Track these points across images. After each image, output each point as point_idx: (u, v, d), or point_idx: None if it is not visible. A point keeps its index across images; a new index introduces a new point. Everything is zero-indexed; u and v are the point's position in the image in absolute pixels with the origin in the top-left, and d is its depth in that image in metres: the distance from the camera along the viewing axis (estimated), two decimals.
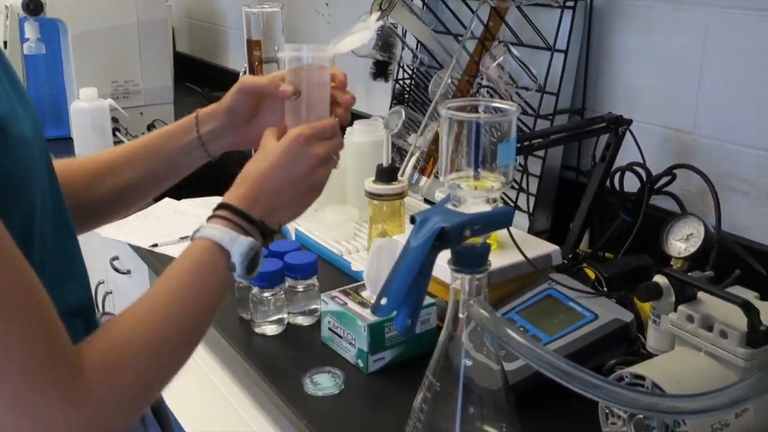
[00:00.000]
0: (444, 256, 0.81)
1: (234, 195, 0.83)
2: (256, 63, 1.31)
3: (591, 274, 1.23)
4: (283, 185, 0.85)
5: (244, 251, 0.78)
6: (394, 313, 0.78)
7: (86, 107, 1.98)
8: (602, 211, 1.35)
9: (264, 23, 1.26)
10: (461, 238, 0.78)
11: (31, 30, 2.05)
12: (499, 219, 0.81)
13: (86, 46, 2.16)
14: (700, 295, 0.88)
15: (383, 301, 0.76)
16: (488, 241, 1.23)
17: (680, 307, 0.87)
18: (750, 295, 0.87)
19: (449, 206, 0.82)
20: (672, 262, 1.04)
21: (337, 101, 0.94)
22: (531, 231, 1.45)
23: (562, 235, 1.37)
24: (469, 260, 0.82)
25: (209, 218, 0.82)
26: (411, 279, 0.76)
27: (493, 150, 0.79)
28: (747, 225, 1.25)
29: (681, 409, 0.74)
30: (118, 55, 2.21)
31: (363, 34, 0.88)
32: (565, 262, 1.29)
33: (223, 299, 0.82)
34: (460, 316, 0.86)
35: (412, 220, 0.79)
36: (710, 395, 0.73)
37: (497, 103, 0.80)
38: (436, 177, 1.47)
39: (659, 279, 0.93)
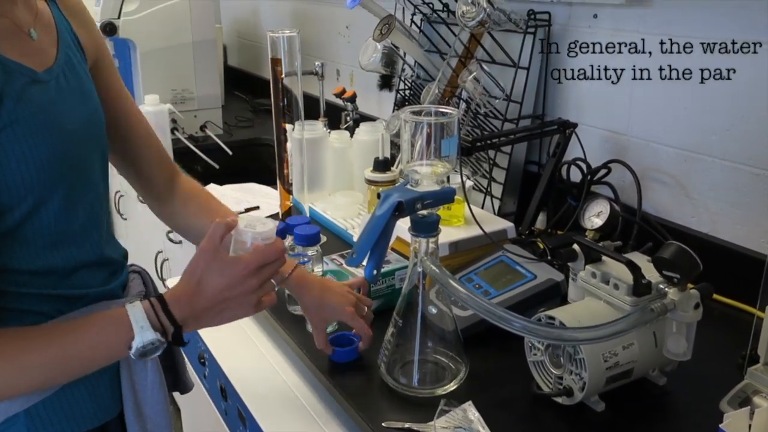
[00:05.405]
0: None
1: (174, 292, 0.83)
2: (280, 76, 1.43)
3: (541, 246, 1.35)
4: (217, 302, 0.83)
5: (145, 342, 0.79)
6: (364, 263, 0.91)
7: (150, 111, 2.09)
8: (556, 197, 1.46)
9: (285, 45, 1.38)
10: (414, 209, 0.91)
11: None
12: (444, 196, 0.93)
13: (151, 61, 2.30)
14: (604, 258, 0.99)
15: (354, 255, 0.89)
16: (456, 218, 1.36)
17: (587, 267, 0.99)
18: (643, 259, 0.98)
19: (408, 187, 0.94)
20: (587, 233, 1.15)
21: None
22: (500, 213, 1.56)
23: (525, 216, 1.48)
24: (424, 227, 0.95)
25: (148, 298, 0.82)
26: (375, 239, 0.89)
27: (440, 145, 0.92)
28: (667, 209, 1.36)
29: (577, 337, 0.87)
30: (177, 68, 2.34)
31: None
32: (522, 236, 1.41)
33: (104, 359, 0.82)
34: (418, 270, 0.99)
35: (378, 195, 0.92)
36: (598, 327, 0.86)
37: (443, 109, 0.93)
38: None
39: (575, 246, 1.04)
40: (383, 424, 0.92)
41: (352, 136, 1.71)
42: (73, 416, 0.84)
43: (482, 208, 1.54)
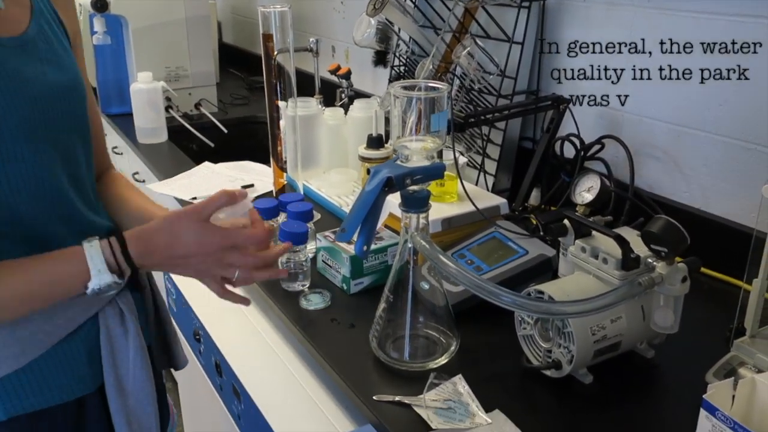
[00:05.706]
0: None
1: (141, 233, 0.85)
2: (272, 52, 1.44)
3: (534, 222, 1.36)
4: (182, 257, 0.86)
5: (102, 285, 0.82)
6: (355, 238, 0.92)
7: (143, 88, 2.10)
8: (550, 173, 1.47)
9: (277, 20, 1.38)
10: (404, 185, 0.92)
11: (98, 24, 2.17)
12: (434, 171, 0.94)
13: (144, 38, 2.28)
14: (594, 233, 1.00)
15: (343, 230, 0.90)
16: (449, 195, 1.37)
17: (577, 241, 1.00)
18: (632, 234, 0.99)
19: (398, 162, 0.95)
20: (577, 209, 1.16)
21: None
22: (494, 189, 1.57)
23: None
24: (414, 203, 0.96)
25: (107, 237, 0.84)
26: (364, 215, 0.90)
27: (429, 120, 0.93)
28: (659, 184, 1.36)
29: (566, 311, 0.88)
30: (170, 45, 2.33)
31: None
32: (516, 213, 1.42)
33: (62, 296, 0.84)
34: (409, 246, 1.00)
35: (368, 171, 0.92)
36: (586, 301, 0.87)
37: (433, 83, 0.93)
38: None
39: (566, 221, 1.05)
40: (374, 398, 0.94)
41: (346, 113, 1.71)
42: (48, 387, 0.85)
43: (476, 184, 1.55)
